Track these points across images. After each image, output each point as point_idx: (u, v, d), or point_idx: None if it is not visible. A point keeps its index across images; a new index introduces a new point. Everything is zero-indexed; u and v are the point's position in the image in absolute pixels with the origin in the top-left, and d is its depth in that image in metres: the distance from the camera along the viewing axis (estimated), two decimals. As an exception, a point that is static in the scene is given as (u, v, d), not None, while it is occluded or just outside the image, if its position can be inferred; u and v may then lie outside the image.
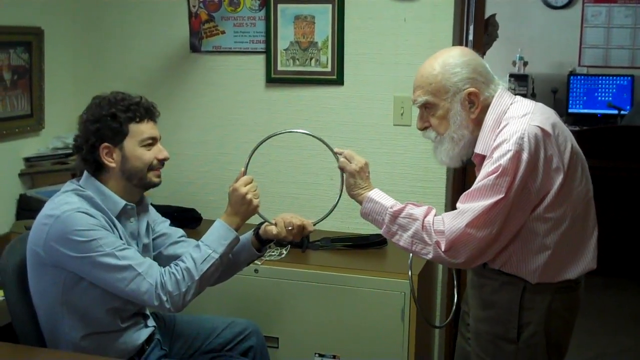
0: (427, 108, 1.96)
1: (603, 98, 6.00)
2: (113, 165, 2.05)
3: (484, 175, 1.82)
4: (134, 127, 2.05)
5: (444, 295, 3.07)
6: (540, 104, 1.94)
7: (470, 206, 1.81)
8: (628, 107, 5.86)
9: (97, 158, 2.04)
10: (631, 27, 6.09)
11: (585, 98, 6.05)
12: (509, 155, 1.78)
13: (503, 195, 1.78)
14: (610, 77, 6.03)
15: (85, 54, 3.36)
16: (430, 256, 1.88)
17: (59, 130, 3.24)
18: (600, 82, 6.05)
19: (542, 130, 1.81)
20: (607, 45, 6.16)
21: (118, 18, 3.30)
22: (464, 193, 1.87)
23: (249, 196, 2.09)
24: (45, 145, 3.18)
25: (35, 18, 3.10)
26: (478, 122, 1.92)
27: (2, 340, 2.07)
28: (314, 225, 2.20)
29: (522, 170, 1.78)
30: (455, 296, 2.53)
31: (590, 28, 6.18)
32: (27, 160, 3.09)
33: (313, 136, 2.22)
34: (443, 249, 1.83)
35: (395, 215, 1.92)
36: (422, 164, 2.95)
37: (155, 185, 2.12)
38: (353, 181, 2.03)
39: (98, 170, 2.07)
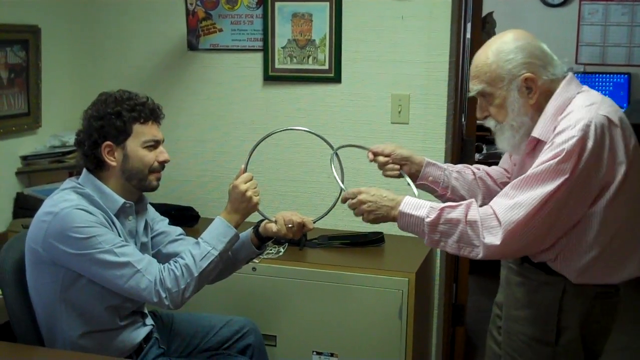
0: (484, 97, 1.92)
1: (600, 96, 6.01)
2: (114, 164, 2.04)
3: (544, 160, 1.75)
4: (138, 128, 2.05)
5: (442, 294, 3.08)
6: (607, 97, 1.89)
7: (530, 195, 1.74)
8: (625, 105, 5.87)
9: (98, 155, 2.04)
10: (628, 24, 6.10)
11: (582, 96, 6.06)
12: (573, 141, 1.72)
13: (564, 180, 1.72)
14: (607, 75, 6.04)
15: (82, 52, 3.36)
16: (480, 256, 1.79)
17: (56, 128, 3.24)
18: (596, 79, 6.06)
19: (609, 120, 1.76)
20: (604, 43, 6.17)
21: (115, 16, 3.29)
22: (519, 179, 1.79)
23: (249, 193, 2.08)
24: (43, 143, 3.17)
25: (33, 16, 3.10)
26: (538, 108, 1.87)
27: (0, 339, 2.07)
28: (314, 222, 2.20)
29: (585, 158, 1.72)
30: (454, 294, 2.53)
31: (587, 26, 6.19)
32: (24, 158, 3.09)
33: (313, 133, 2.22)
34: (498, 242, 1.74)
35: (434, 225, 1.83)
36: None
37: (153, 189, 2.12)
38: (368, 209, 1.93)
39: (98, 167, 2.06)
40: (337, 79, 3.01)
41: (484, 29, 3.62)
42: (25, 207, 2.99)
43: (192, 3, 3.14)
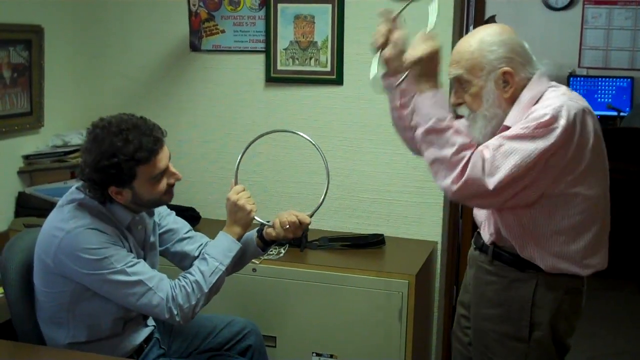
0: (460, 84, 1.94)
1: (602, 100, 6.00)
2: (122, 201, 2.00)
3: (515, 132, 1.77)
4: (141, 169, 1.95)
5: (442, 296, 3.08)
6: (576, 93, 1.93)
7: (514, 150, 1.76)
8: (627, 108, 5.86)
9: (105, 194, 1.99)
10: (631, 29, 6.09)
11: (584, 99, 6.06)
12: (546, 118, 1.75)
13: (536, 147, 1.74)
14: (610, 79, 6.03)
15: (85, 52, 3.36)
16: (442, 185, 1.83)
17: (59, 128, 3.25)
18: (599, 83, 6.05)
19: (583, 108, 1.81)
20: (607, 47, 6.16)
21: (118, 16, 3.30)
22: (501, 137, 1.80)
23: (241, 202, 2.12)
24: (45, 143, 3.18)
25: (35, 16, 3.10)
26: (511, 101, 1.89)
27: (1, 338, 2.07)
28: (311, 216, 2.21)
29: (557, 134, 1.74)
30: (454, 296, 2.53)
31: (590, 29, 6.18)
32: (26, 157, 3.10)
33: (292, 132, 2.27)
34: (456, 187, 1.78)
35: (436, 130, 1.82)
36: (422, 164, 2.93)
37: (166, 203, 2.13)
38: (419, 70, 1.92)
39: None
40: (339, 81, 3.01)
41: (487, 32, 3.62)
42: (26, 206, 3.00)
43: (194, 4, 3.14)
